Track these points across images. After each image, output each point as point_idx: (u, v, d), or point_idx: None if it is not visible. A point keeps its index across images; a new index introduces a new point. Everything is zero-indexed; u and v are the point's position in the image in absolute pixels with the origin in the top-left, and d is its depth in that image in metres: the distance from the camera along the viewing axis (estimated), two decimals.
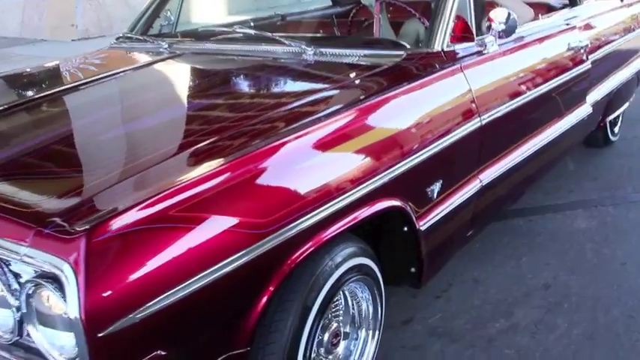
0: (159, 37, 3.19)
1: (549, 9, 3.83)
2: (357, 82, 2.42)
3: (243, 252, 1.66)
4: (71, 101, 2.51)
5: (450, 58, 2.58)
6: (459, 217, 2.59)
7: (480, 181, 2.64)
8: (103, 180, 1.70)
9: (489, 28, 2.68)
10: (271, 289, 1.78)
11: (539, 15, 3.43)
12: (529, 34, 3.09)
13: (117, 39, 3.29)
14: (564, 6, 3.79)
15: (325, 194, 1.88)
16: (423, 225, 2.32)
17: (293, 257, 1.82)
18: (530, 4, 3.60)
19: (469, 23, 2.67)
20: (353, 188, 1.97)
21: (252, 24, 3.56)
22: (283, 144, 1.87)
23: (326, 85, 2.49)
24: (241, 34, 3.00)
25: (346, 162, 2.01)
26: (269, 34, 2.83)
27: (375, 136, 2.13)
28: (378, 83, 2.37)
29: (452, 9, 2.61)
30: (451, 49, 2.61)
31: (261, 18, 3.93)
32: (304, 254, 1.85)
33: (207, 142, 1.88)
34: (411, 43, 2.85)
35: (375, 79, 2.42)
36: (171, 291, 1.52)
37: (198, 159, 1.79)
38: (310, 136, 1.94)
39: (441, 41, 2.59)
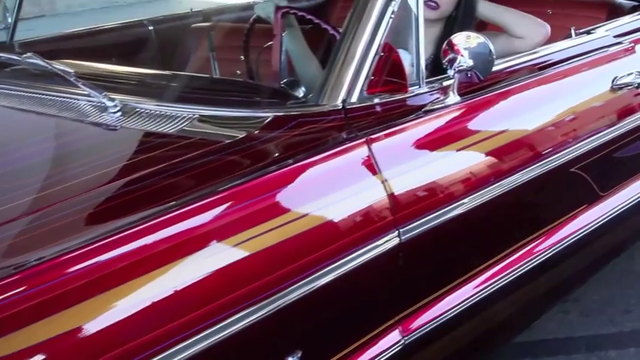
0: None
1: (612, 11, 2.55)
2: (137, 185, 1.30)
3: None
4: None
5: (356, 122, 1.52)
6: None
7: (402, 337, 1.53)
8: None
9: (452, 62, 1.61)
10: None
11: (571, 30, 2.15)
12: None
13: None
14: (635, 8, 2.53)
15: None
16: None
17: None
18: (585, 4, 2.61)
19: (407, 55, 1.61)
20: None
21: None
22: None
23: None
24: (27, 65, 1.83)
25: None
26: (60, 71, 1.67)
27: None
28: (183, 188, 1.28)
29: (376, 27, 1.55)
30: (365, 103, 1.55)
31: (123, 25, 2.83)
32: None
33: None
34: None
35: (182, 178, 1.33)
36: None
37: None
38: None
39: (348, 89, 1.53)
